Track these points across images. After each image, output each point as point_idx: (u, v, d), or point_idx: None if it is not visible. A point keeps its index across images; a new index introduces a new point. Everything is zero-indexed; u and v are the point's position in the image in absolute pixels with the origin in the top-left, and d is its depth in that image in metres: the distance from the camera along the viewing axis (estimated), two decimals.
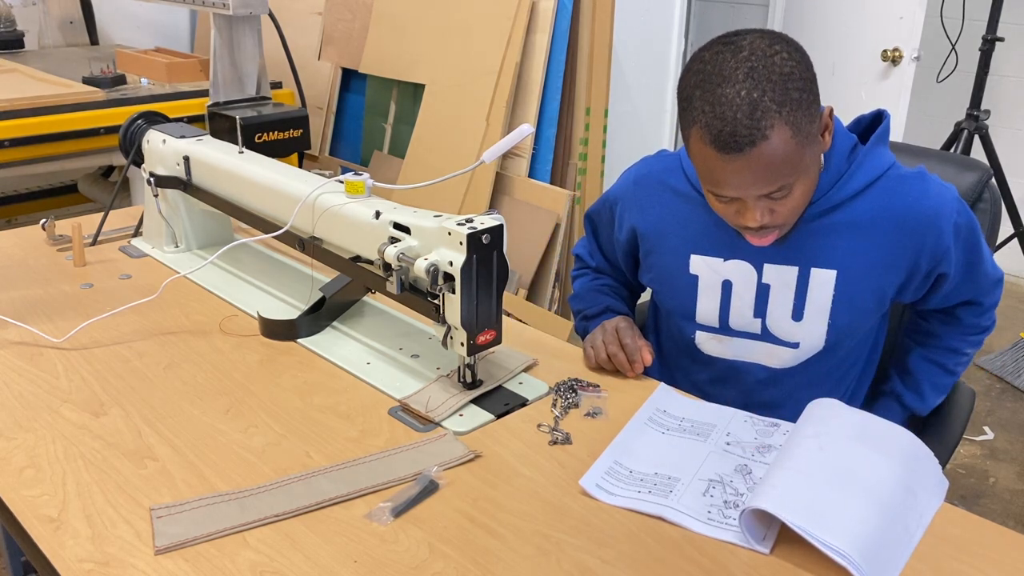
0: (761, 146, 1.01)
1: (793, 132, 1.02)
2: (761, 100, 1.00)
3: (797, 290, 1.22)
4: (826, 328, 1.23)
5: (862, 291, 1.21)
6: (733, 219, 1.13)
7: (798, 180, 1.07)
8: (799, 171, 1.06)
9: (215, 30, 2.35)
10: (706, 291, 1.27)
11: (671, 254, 1.29)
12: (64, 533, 0.90)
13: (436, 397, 1.15)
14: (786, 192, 1.07)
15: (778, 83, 1.01)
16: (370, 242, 1.16)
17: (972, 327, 1.32)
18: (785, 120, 1.01)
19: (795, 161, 1.04)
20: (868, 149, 1.19)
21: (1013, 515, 2.32)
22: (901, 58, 3.01)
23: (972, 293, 1.28)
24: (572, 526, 0.93)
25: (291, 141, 2.46)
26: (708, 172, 1.07)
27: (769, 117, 1.00)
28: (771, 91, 1.00)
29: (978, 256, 1.24)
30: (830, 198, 1.18)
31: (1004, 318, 3.51)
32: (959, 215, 1.19)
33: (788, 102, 1.01)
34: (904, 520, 0.91)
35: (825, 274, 1.20)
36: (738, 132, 1.00)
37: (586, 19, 2.83)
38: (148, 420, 1.10)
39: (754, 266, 1.23)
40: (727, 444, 1.07)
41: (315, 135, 3.41)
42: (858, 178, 1.18)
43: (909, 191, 1.18)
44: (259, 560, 0.87)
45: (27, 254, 1.63)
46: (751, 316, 1.26)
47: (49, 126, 2.38)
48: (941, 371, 1.35)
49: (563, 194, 2.81)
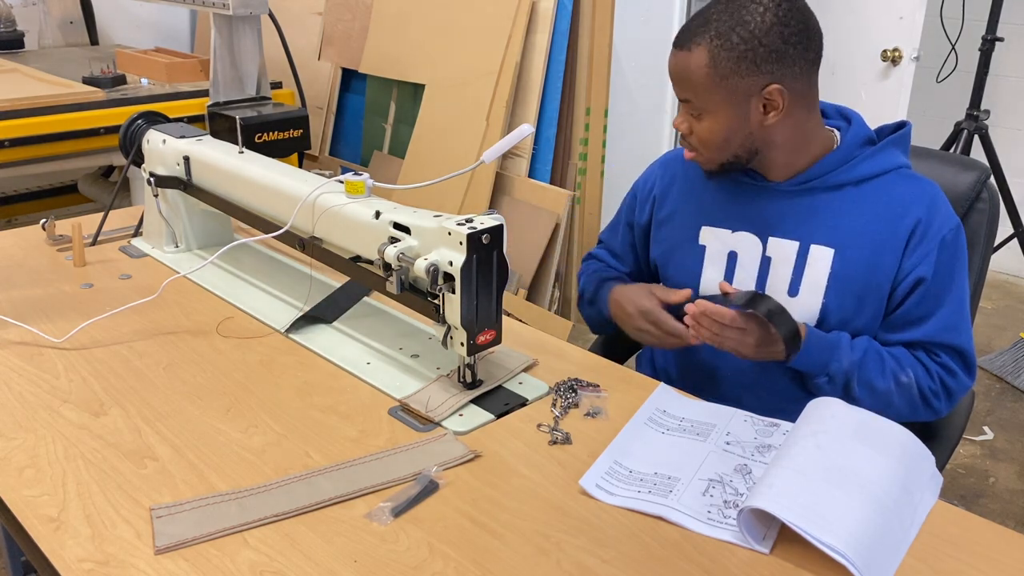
0: (684, 53, 1.19)
1: (710, 62, 1.17)
2: (708, 23, 1.17)
3: (796, 265, 1.26)
4: (820, 306, 1.25)
5: (857, 273, 1.23)
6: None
7: (706, 113, 1.20)
8: (706, 103, 1.20)
9: (215, 30, 2.35)
10: (712, 261, 1.32)
11: (682, 226, 1.36)
12: (64, 533, 0.90)
13: (436, 397, 1.15)
14: (696, 112, 1.22)
15: (731, 24, 1.16)
16: (370, 242, 1.16)
17: (935, 374, 1.24)
18: (709, 47, 1.16)
19: (701, 89, 1.19)
20: (882, 146, 1.26)
21: (1013, 515, 2.32)
22: (901, 58, 3.01)
23: (946, 334, 1.23)
24: (572, 526, 0.93)
25: (291, 141, 2.46)
26: None
27: (700, 37, 1.17)
28: (720, 24, 1.16)
29: (956, 284, 1.23)
30: (837, 175, 1.25)
31: (1004, 318, 3.52)
32: (951, 233, 1.22)
33: (725, 41, 1.16)
34: (900, 518, 0.91)
35: (823, 251, 1.25)
36: (682, 34, 1.20)
37: (586, 19, 2.83)
38: (148, 420, 1.10)
39: (759, 238, 1.29)
40: (727, 444, 1.07)
41: (315, 135, 3.41)
42: (867, 166, 1.25)
43: (914, 189, 1.25)
44: (259, 560, 0.87)
45: (27, 254, 1.63)
46: (752, 288, 1.29)
47: (49, 126, 2.38)
48: (878, 360, 1.24)
49: (563, 194, 2.82)
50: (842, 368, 1.22)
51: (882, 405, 1.21)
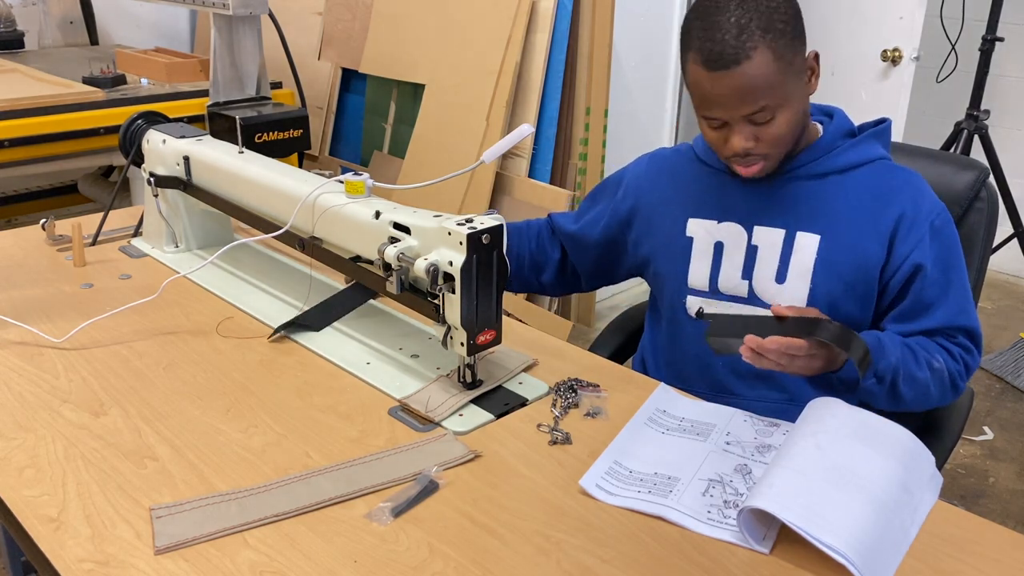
0: (744, 65, 1.12)
1: (775, 57, 1.12)
2: (748, 25, 1.12)
3: (782, 252, 1.27)
4: (807, 292, 1.26)
5: (843, 259, 1.24)
6: (723, 148, 1.22)
7: (780, 108, 1.16)
8: (780, 98, 1.15)
9: (215, 30, 2.35)
10: (699, 254, 1.33)
11: (671, 219, 1.36)
12: (64, 533, 0.90)
13: (436, 397, 1.15)
14: (768, 117, 1.16)
15: (764, 13, 1.12)
16: (370, 242, 1.16)
17: (959, 356, 1.25)
18: (767, 45, 1.12)
19: (775, 85, 1.14)
20: (863, 138, 1.29)
21: (1012, 515, 2.32)
22: (901, 58, 3.01)
23: (961, 317, 1.24)
24: (572, 526, 0.93)
25: (291, 141, 2.46)
26: (700, 93, 1.17)
27: (753, 40, 1.12)
28: (757, 19, 1.12)
29: (956, 267, 1.24)
30: (821, 163, 1.27)
31: (1004, 318, 3.52)
32: (938, 218, 1.24)
33: (772, 30, 1.12)
34: (900, 518, 0.91)
35: (809, 238, 1.26)
36: (725, 52, 1.12)
37: (586, 19, 2.83)
38: (148, 420, 1.10)
39: (745, 228, 1.30)
40: (727, 444, 1.07)
41: (315, 135, 3.41)
42: (850, 156, 1.27)
43: (897, 176, 1.28)
44: (259, 560, 0.87)
45: (27, 254, 1.63)
46: (739, 278, 1.30)
47: (49, 126, 2.38)
48: (911, 352, 1.22)
49: (563, 194, 2.81)
50: (890, 365, 1.18)
51: (922, 395, 1.22)
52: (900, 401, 1.21)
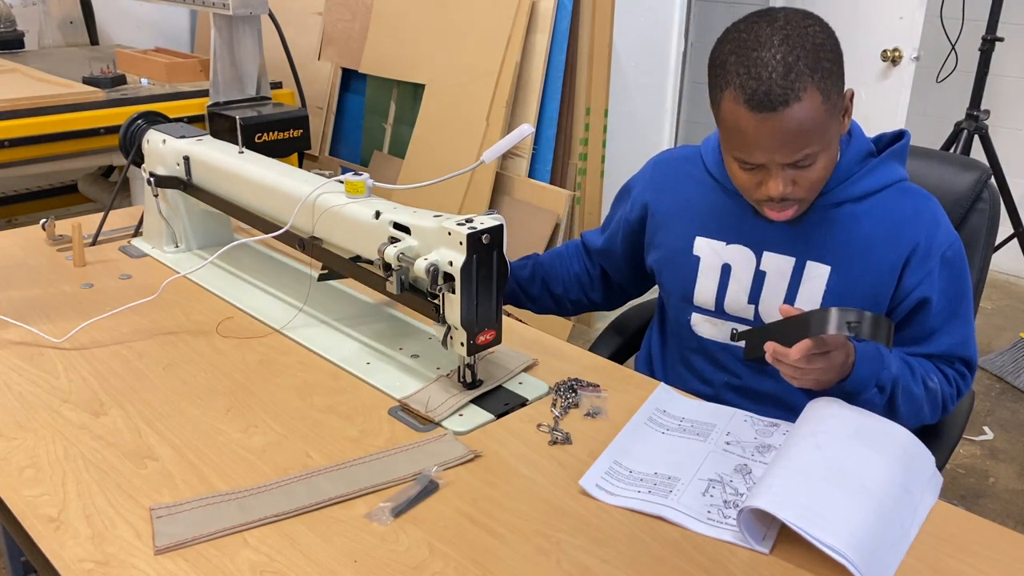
0: (794, 107, 1.04)
1: (823, 98, 1.05)
2: (796, 64, 1.04)
3: (791, 280, 1.24)
4: None
5: (854, 292, 1.22)
6: (755, 191, 1.15)
7: (822, 151, 1.10)
8: (824, 141, 1.09)
9: (215, 30, 2.35)
10: (706, 273, 1.30)
11: (677, 234, 1.33)
12: (64, 533, 0.90)
13: (436, 397, 1.15)
14: (810, 161, 1.10)
15: (811, 51, 1.05)
16: (370, 242, 1.16)
17: (953, 380, 1.25)
18: (817, 85, 1.04)
19: (822, 129, 1.07)
20: (882, 160, 1.23)
21: (1013, 515, 2.32)
22: (901, 58, 3.01)
23: (961, 347, 1.24)
24: (572, 526, 0.93)
25: (291, 141, 2.46)
26: (739, 135, 1.09)
27: (803, 80, 1.04)
28: (805, 57, 1.04)
29: (963, 297, 1.23)
30: (836, 194, 1.21)
31: (1004, 318, 3.52)
32: (950, 249, 1.21)
33: (820, 69, 1.05)
34: (900, 518, 0.91)
35: (820, 268, 1.22)
36: (772, 91, 1.03)
37: (586, 19, 2.83)
38: (148, 420, 1.10)
39: (754, 252, 1.26)
40: (727, 444, 1.07)
41: (315, 135, 3.41)
42: (866, 183, 1.21)
43: (912, 204, 1.22)
44: (259, 560, 0.87)
45: (27, 254, 1.63)
46: (745, 302, 1.28)
47: (49, 126, 2.38)
48: (909, 367, 1.22)
49: (563, 194, 2.82)
50: (891, 376, 1.17)
51: (915, 412, 1.21)
52: (895, 416, 1.19)
